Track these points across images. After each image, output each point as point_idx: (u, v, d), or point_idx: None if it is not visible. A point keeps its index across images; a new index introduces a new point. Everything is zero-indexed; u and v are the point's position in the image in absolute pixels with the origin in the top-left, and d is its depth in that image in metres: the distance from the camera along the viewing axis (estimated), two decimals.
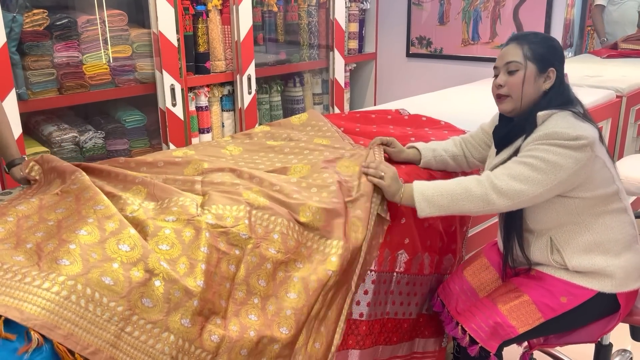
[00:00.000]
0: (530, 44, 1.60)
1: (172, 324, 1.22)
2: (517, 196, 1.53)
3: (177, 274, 1.27)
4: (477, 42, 3.77)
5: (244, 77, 3.16)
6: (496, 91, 1.66)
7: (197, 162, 1.73)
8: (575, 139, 1.49)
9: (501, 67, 1.64)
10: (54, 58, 2.48)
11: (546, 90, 1.62)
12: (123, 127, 2.80)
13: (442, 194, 1.57)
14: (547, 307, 1.61)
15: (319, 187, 1.66)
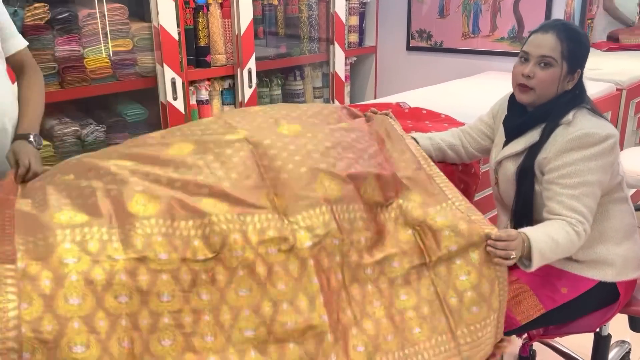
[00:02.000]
0: (569, 42, 1.56)
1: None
2: (590, 213, 1.55)
3: (302, 316, 1.31)
4: (477, 35, 3.77)
5: (244, 70, 3.17)
6: (521, 79, 1.61)
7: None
8: (605, 139, 1.50)
9: (534, 56, 1.59)
10: (55, 52, 2.49)
11: (567, 89, 1.61)
12: (124, 120, 2.81)
13: (554, 250, 1.50)
14: (548, 298, 1.63)
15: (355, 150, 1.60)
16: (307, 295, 1.33)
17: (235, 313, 1.28)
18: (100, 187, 1.33)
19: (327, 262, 1.38)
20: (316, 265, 1.35)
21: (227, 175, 1.42)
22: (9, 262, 1.07)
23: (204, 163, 1.45)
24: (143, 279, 1.17)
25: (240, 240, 1.29)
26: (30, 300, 1.04)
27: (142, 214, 1.25)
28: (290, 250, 1.34)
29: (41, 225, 1.17)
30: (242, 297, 1.29)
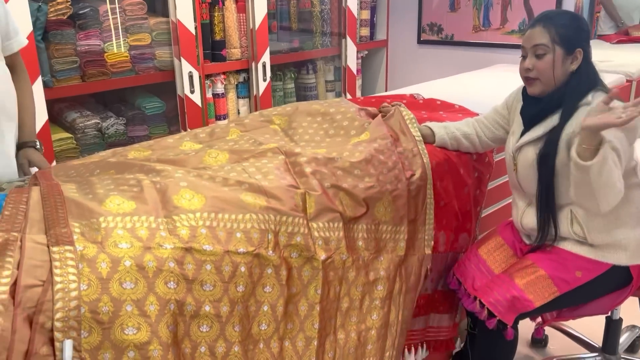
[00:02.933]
0: (557, 27, 1.63)
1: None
2: (619, 179, 1.54)
3: (299, 318, 1.46)
4: (488, 28, 3.81)
5: (259, 64, 3.22)
6: (524, 74, 1.70)
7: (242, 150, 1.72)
8: None
9: (529, 49, 1.67)
10: (76, 46, 2.55)
11: (573, 71, 1.66)
12: (143, 113, 2.88)
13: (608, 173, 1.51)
14: (563, 281, 1.68)
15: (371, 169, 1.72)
16: (309, 302, 1.49)
17: (258, 307, 1.39)
18: (145, 179, 1.40)
19: (332, 274, 1.53)
20: (324, 277, 1.50)
21: (265, 177, 1.52)
22: (69, 244, 1.12)
23: (242, 168, 1.56)
24: (189, 268, 1.23)
25: (272, 240, 1.39)
26: (89, 282, 1.09)
27: (188, 207, 1.31)
28: (309, 258, 1.47)
29: (91, 211, 1.23)
30: (266, 293, 1.40)
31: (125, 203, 1.27)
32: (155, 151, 1.76)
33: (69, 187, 1.37)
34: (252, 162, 1.60)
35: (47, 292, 1.04)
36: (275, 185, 1.49)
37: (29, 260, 1.06)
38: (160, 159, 1.61)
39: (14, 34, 1.78)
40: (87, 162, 1.64)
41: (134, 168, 1.50)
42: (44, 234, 1.14)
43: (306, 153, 1.66)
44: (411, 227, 1.77)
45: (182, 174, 1.45)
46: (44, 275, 1.06)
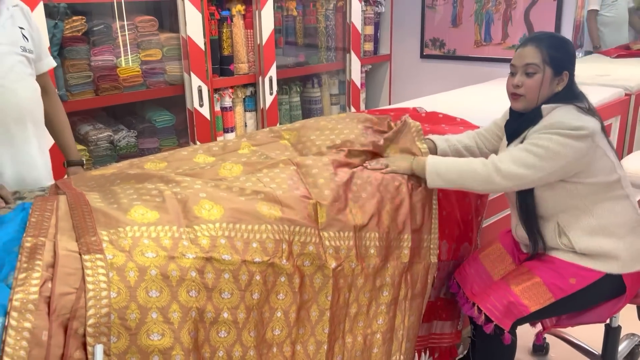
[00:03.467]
0: (548, 49, 1.70)
1: None
2: (517, 179, 1.68)
3: (310, 323, 1.53)
4: (489, 43, 3.89)
5: (265, 78, 3.31)
6: (512, 90, 1.77)
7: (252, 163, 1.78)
8: (576, 129, 1.62)
9: (519, 67, 1.74)
10: (90, 61, 2.65)
11: (558, 92, 1.74)
12: (153, 126, 2.97)
13: (450, 169, 1.74)
14: (557, 288, 1.73)
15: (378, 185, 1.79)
16: (319, 309, 1.55)
17: (272, 313, 1.45)
18: (166, 190, 1.47)
19: (342, 282, 1.60)
20: (334, 284, 1.56)
21: (279, 186, 1.59)
22: (99, 252, 1.18)
23: (257, 178, 1.63)
24: (209, 277, 1.30)
25: (286, 249, 1.46)
26: (119, 290, 1.15)
27: (207, 218, 1.38)
28: (320, 267, 1.54)
29: (117, 220, 1.29)
30: (279, 300, 1.47)
31: (148, 213, 1.34)
32: (170, 163, 1.84)
33: (94, 196, 1.44)
34: (266, 173, 1.68)
35: (80, 299, 1.10)
36: (289, 195, 1.56)
37: (63, 268, 1.12)
38: (177, 173, 1.68)
39: (44, 56, 1.92)
40: (106, 173, 1.72)
41: (154, 178, 1.58)
42: (74, 241, 1.21)
43: (317, 164, 1.73)
44: (415, 235, 1.84)
45: (201, 184, 1.52)
46: (76, 282, 1.12)
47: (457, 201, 2.04)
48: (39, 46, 1.89)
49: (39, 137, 1.87)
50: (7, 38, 1.71)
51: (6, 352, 0.98)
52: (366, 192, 1.73)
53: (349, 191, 1.70)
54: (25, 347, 1.00)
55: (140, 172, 1.65)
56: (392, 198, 1.78)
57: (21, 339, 1.00)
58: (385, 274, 1.72)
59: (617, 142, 3.27)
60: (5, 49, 1.70)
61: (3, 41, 1.70)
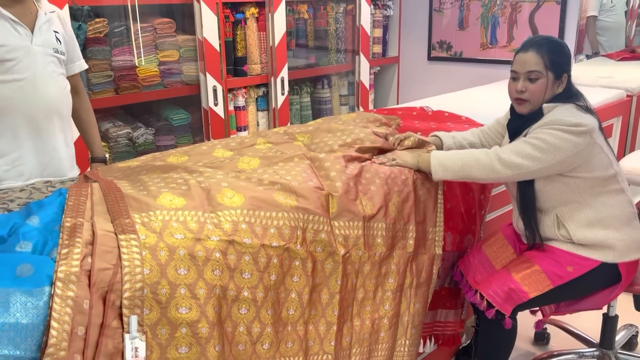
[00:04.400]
0: (549, 54, 1.79)
1: None
2: (517, 168, 1.77)
3: (321, 305, 1.64)
4: (495, 45, 3.99)
5: (277, 79, 3.43)
6: (516, 95, 1.86)
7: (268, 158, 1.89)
8: (576, 125, 1.72)
9: (522, 73, 1.82)
10: (111, 62, 2.77)
11: (559, 93, 1.84)
12: (170, 124, 3.08)
13: (453, 161, 1.84)
14: (556, 275, 1.83)
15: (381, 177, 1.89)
16: (330, 292, 1.65)
17: (287, 294, 1.56)
18: (191, 179, 1.59)
19: (350, 268, 1.71)
20: (343, 270, 1.67)
21: (295, 178, 1.71)
22: (133, 233, 1.29)
23: (273, 171, 1.75)
24: (231, 258, 1.40)
25: (301, 236, 1.57)
26: (151, 267, 1.26)
27: (229, 205, 1.49)
28: (331, 253, 1.65)
29: (148, 205, 1.40)
30: (294, 282, 1.57)
31: (176, 199, 1.46)
32: (191, 157, 1.95)
33: (124, 184, 1.56)
34: (282, 166, 1.79)
35: (117, 275, 1.21)
36: (304, 186, 1.67)
37: (101, 246, 1.23)
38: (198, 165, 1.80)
39: (77, 58, 2.09)
40: (131, 166, 1.83)
41: (179, 169, 1.69)
42: (110, 223, 1.32)
43: (329, 158, 1.85)
44: (420, 227, 1.94)
45: (223, 175, 1.64)
46: (113, 259, 1.22)
47: (462, 195, 2.14)
48: (72, 50, 2.05)
49: (65, 131, 2.00)
50: (42, 40, 1.85)
51: (53, 317, 1.09)
52: (375, 185, 1.84)
53: (359, 184, 1.80)
54: (70, 313, 1.11)
55: (165, 164, 1.76)
56: (399, 191, 1.88)
57: (65, 306, 1.11)
58: (390, 262, 1.82)
59: (618, 141, 3.35)
60: (39, 50, 1.84)
61: (38, 42, 1.84)
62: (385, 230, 1.81)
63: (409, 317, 1.89)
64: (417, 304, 1.93)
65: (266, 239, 1.48)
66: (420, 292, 1.94)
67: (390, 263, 1.83)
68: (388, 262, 1.83)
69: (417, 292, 1.92)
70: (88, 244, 1.23)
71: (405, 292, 1.89)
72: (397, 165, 1.92)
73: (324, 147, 2.06)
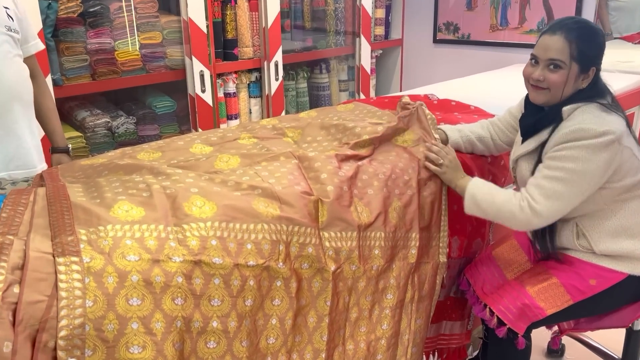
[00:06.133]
0: (578, 42, 1.53)
1: None
2: (557, 214, 1.56)
3: (307, 330, 1.43)
4: (505, 27, 3.73)
5: (271, 63, 3.19)
6: (534, 82, 1.61)
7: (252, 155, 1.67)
8: (602, 135, 1.47)
9: (543, 59, 1.58)
10: (87, 44, 2.54)
11: (582, 88, 1.59)
12: (154, 112, 2.86)
13: (489, 204, 1.61)
14: (576, 290, 1.61)
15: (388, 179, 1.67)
16: (318, 314, 1.45)
17: (266, 320, 1.35)
18: (155, 183, 1.36)
19: (341, 285, 1.49)
20: (333, 288, 1.46)
21: (279, 181, 1.48)
22: (74, 254, 1.07)
23: (254, 172, 1.51)
24: (197, 282, 1.19)
25: (284, 251, 1.35)
26: (95, 298, 1.05)
27: (198, 216, 1.26)
28: (319, 270, 1.43)
29: (98, 217, 1.18)
30: (274, 306, 1.36)
31: (134, 209, 1.23)
32: (165, 153, 1.73)
33: (76, 189, 1.34)
34: (265, 166, 1.56)
35: (52, 309, 1.00)
36: (289, 191, 1.44)
37: (33, 273, 1.02)
38: (170, 165, 1.58)
39: (31, 38, 1.86)
40: (95, 164, 1.62)
41: (144, 170, 1.47)
42: (49, 240, 1.10)
43: (320, 157, 1.61)
44: (424, 234, 1.72)
45: (193, 178, 1.41)
46: (48, 289, 1.01)
47: None
48: (26, 28, 1.83)
49: (29, 118, 1.81)
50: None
51: None
52: (373, 187, 1.61)
53: (354, 187, 1.58)
54: None
55: (131, 162, 1.54)
56: (401, 194, 1.66)
57: None
58: (389, 275, 1.61)
59: (638, 132, 3.11)
60: None
61: None
62: (384, 240, 1.58)
63: (410, 335, 1.68)
64: (419, 320, 1.71)
65: (241, 257, 1.26)
66: (423, 306, 1.72)
67: (389, 277, 1.61)
68: (387, 275, 1.61)
69: (418, 307, 1.71)
70: (16, 269, 1.02)
71: (406, 308, 1.67)
72: (435, 171, 1.72)
73: (317, 147, 1.84)
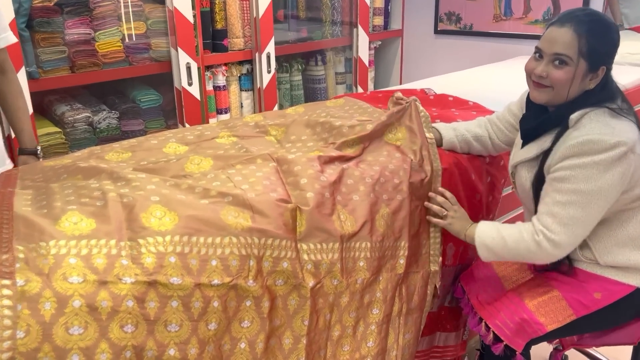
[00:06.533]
0: (589, 36, 1.36)
1: None
2: (578, 240, 1.42)
3: (282, 353, 1.30)
4: (509, 17, 3.57)
5: (262, 55, 3.05)
6: (536, 78, 1.45)
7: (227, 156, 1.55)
8: (613, 147, 1.32)
9: (547, 54, 1.41)
10: (65, 35, 2.41)
11: (589, 89, 1.43)
12: (138, 107, 2.73)
13: (502, 248, 1.47)
14: (579, 304, 1.48)
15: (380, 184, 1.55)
16: (294, 335, 1.33)
17: (234, 344, 1.23)
18: (112, 190, 1.23)
19: (321, 302, 1.37)
20: (312, 306, 1.33)
21: (252, 187, 1.35)
22: (6, 277, 0.94)
23: (227, 176, 1.38)
24: (151, 306, 1.06)
25: (254, 267, 1.22)
26: (28, 327, 0.93)
27: (157, 229, 1.14)
28: (296, 286, 1.31)
29: (42, 231, 1.05)
30: (243, 328, 1.24)
31: (83, 221, 1.11)
32: (135, 153, 1.61)
33: (24, 197, 1.21)
34: (239, 170, 1.43)
35: None
36: (263, 198, 1.31)
37: None
38: (137, 167, 1.45)
39: (2, 30, 1.71)
40: (57, 165, 1.49)
41: (103, 174, 1.34)
42: None
43: (300, 160, 1.48)
44: (414, 242, 1.59)
45: (156, 184, 1.28)
46: None
47: (467, 198, 1.79)
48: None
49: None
50: None
51: None
52: (359, 193, 1.48)
53: (338, 192, 1.44)
54: None
55: (93, 165, 1.41)
56: (390, 199, 1.53)
57: None
58: (375, 288, 1.48)
59: None
60: None
61: None
62: (371, 251, 1.45)
63: (398, 352, 1.55)
64: (408, 334, 1.58)
65: (204, 275, 1.13)
66: (412, 319, 1.59)
67: (374, 290, 1.48)
68: (372, 289, 1.48)
69: (407, 320, 1.58)
70: None
71: (393, 322, 1.54)
72: (443, 225, 1.61)
73: (302, 147, 1.70)
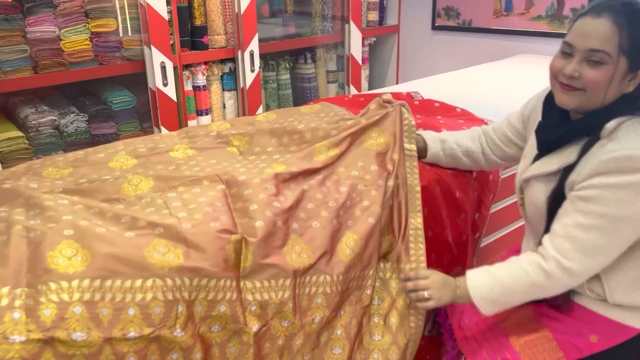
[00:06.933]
0: (630, 28, 1.14)
1: None
2: (595, 270, 1.23)
3: None
4: (510, 13, 3.37)
5: (245, 53, 2.87)
6: (565, 80, 1.22)
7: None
8: None
9: (581, 50, 1.19)
10: (26, 33, 2.24)
11: (627, 92, 1.21)
12: (109, 109, 2.56)
13: (505, 293, 1.28)
14: (572, 346, 1.30)
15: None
16: None
17: None
18: (20, 221, 1.09)
19: (268, 346, 1.20)
20: (256, 352, 1.17)
21: (191, 216, 1.18)
22: None
23: (163, 201, 1.22)
24: None
25: (184, 313, 1.06)
26: None
27: (64, 271, 0.98)
28: (237, 332, 1.15)
29: None
30: None
31: None
32: (78, 168, 1.45)
33: None
34: (180, 193, 1.27)
35: None
36: (201, 229, 1.15)
37: None
38: (67, 188, 1.28)
39: None
40: None
41: (20, 199, 1.18)
42: None
43: (252, 182, 1.31)
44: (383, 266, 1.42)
45: (76, 213, 1.13)
46: None
47: (450, 218, 1.62)
48: None
49: None
50: None
51: None
52: (319, 219, 1.31)
53: (294, 219, 1.27)
54: None
55: (13, 187, 1.25)
56: (357, 223, 1.36)
57: None
58: (336, 325, 1.31)
59: None
60: None
61: None
62: (331, 285, 1.28)
63: None
64: None
65: (117, 327, 0.97)
66: None
67: (334, 327, 1.31)
68: (332, 326, 1.31)
69: None
70: None
71: None
72: (430, 306, 1.36)
73: (267, 159, 1.53)
